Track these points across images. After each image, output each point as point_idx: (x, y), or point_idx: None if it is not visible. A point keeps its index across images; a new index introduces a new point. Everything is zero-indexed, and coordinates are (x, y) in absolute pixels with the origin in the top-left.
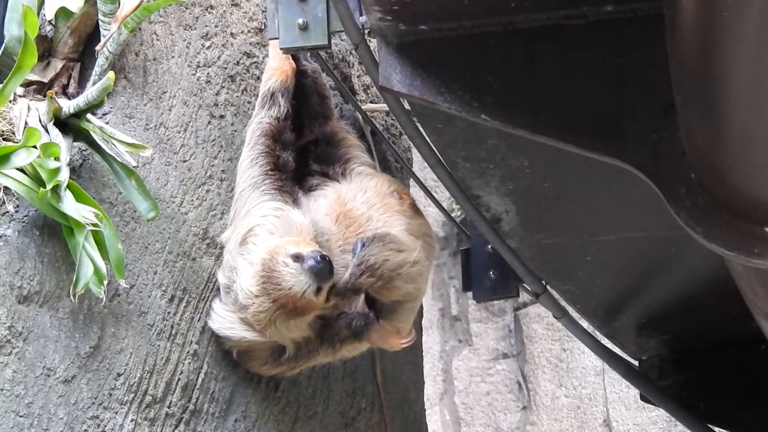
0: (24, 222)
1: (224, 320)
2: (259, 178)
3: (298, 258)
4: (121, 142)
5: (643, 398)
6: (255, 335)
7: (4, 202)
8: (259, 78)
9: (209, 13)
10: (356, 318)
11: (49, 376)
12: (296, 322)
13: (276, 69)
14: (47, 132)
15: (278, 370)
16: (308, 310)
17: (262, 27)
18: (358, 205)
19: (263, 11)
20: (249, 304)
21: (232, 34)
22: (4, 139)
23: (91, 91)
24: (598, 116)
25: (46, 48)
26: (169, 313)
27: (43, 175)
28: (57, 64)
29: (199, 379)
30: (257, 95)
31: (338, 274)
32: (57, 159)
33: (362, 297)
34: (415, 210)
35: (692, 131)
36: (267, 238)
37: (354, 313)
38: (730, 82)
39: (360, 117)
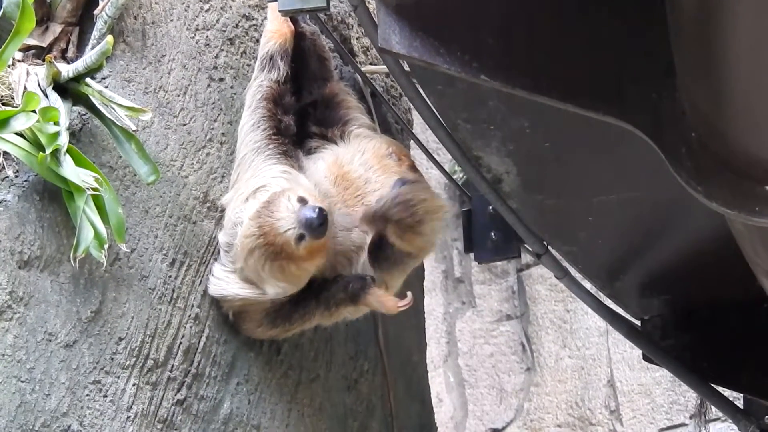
0: (24, 187)
1: (221, 281)
2: (263, 142)
3: (302, 201)
4: (120, 105)
5: (645, 358)
6: (249, 291)
7: (3, 167)
8: (258, 41)
9: None
10: (353, 281)
11: (50, 341)
12: (270, 266)
13: (275, 32)
14: (46, 96)
15: (273, 332)
16: (285, 256)
17: None
18: (355, 167)
19: None
20: (240, 228)
21: None
22: (3, 104)
23: (90, 55)
24: (598, 76)
25: (45, 12)
26: (170, 276)
27: (43, 140)
28: (56, 29)
29: (201, 343)
30: (256, 58)
31: (337, 229)
32: (56, 123)
33: (365, 255)
34: (414, 171)
35: (692, 91)
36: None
37: (351, 275)
38: (730, 41)
39: (359, 79)
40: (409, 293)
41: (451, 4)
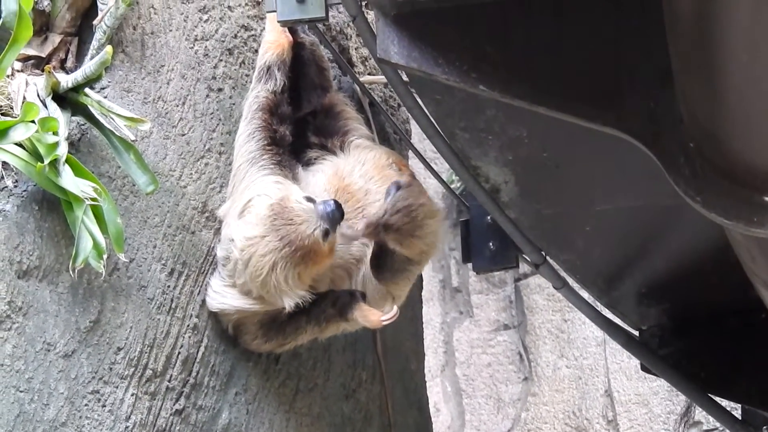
0: (23, 197)
1: (218, 294)
2: (257, 153)
3: (311, 200)
4: (119, 116)
5: (643, 368)
6: (247, 303)
7: (2, 177)
8: (257, 51)
9: None
10: (342, 295)
11: (49, 351)
12: (293, 274)
13: (272, 42)
14: (45, 106)
15: (267, 346)
16: (312, 258)
17: (260, 0)
18: (356, 179)
19: None
20: (253, 250)
21: (229, 6)
22: (2, 114)
23: (89, 66)
24: (595, 85)
25: (44, 22)
26: (168, 286)
27: (42, 150)
28: (55, 39)
29: (200, 353)
30: (255, 68)
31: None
32: (55, 133)
33: (364, 268)
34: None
35: (690, 98)
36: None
37: (341, 291)
38: (727, 46)
39: (358, 89)
40: (395, 306)
41: (449, 14)
